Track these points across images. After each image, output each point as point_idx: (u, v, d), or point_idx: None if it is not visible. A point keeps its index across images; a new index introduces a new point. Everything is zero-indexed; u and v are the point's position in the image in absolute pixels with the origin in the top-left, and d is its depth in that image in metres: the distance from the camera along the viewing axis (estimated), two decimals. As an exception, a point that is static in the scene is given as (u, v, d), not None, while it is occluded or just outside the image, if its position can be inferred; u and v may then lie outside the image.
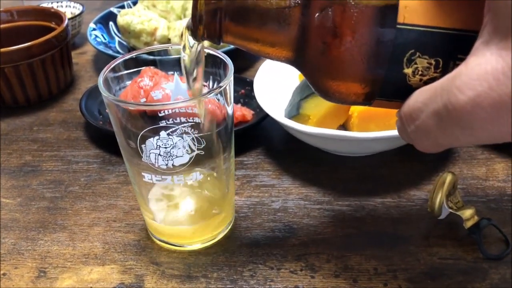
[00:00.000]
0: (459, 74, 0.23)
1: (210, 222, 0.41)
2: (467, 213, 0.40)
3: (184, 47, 0.33)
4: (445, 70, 0.26)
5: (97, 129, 0.54)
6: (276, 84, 0.54)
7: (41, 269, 0.40)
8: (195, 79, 0.35)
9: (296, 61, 0.31)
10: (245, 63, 0.70)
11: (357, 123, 0.48)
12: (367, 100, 0.30)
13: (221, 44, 0.32)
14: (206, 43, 0.33)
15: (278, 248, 0.41)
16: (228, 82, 0.35)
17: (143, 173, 0.36)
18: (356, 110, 0.48)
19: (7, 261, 0.41)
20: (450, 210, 0.40)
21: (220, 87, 0.34)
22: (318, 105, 0.48)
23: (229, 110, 0.38)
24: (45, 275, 0.39)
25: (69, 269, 0.40)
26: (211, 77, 0.42)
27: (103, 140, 0.55)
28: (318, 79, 0.30)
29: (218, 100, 0.38)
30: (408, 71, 0.27)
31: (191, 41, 0.33)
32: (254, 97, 0.56)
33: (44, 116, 0.61)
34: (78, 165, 0.52)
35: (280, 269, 0.39)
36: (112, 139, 0.38)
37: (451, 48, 0.27)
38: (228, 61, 0.37)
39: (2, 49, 0.58)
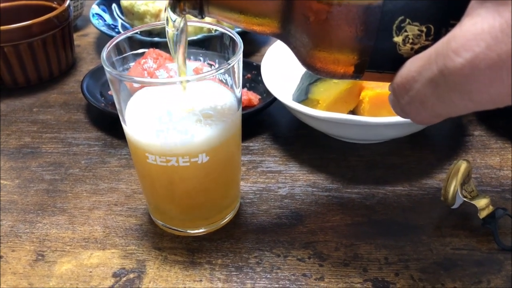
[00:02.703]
0: (454, 37, 0.22)
1: (215, 204, 0.39)
2: (482, 202, 0.38)
3: (167, 21, 0.32)
4: (437, 38, 0.24)
5: (99, 111, 0.53)
6: (284, 68, 0.53)
7: (39, 252, 0.39)
8: (179, 56, 0.34)
9: (282, 33, 0.29)
10: (250, 47, 0.69)
11: (368, 108, 0.46)
12: (357, 72, 0.28)
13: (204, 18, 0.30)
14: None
15: (285, 235, 0.39)
16: (237, 60, 0.34)
17: (146, 154, 0.34)
18: (367, 95, 0.46)
19: (4, 244, 0.39)
20: (464, 199, 0.38)
21: (229, 64, 0.33)
22: (328, 90, 0.47)
23: (237, 92, 0.36)
24: (43, 258, 0.38)
25: (68, 253, 0.38)
26: (216, 60, 0.41)
27: (105, 122, 0.54)
28: (305, 51, 0.28)
29: (225, 81, 0.36)
30: (398, 39, 0.26)
31: (173, 16, 0.31)
32: (260, 82, 0.54)
33: (45, 98, 0.60)
34: (79, 148, 0.50)
35: (287, 257, 0.37)
36: (114, 122, 0.36)
37: (442, 14, 0.25)
38: (237, 38, 0.35)
39: (1, 27, 0.56)
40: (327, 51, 0.27)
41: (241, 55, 0.34)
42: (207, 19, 0.56)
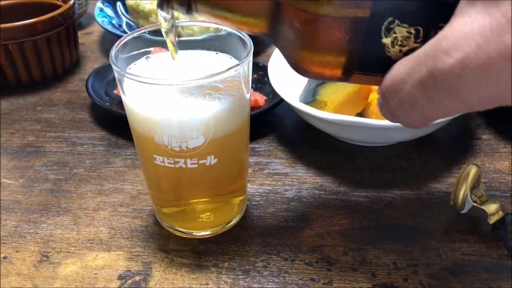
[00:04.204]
0: (444, 36, 0.22)
1: (222, 207, 0.39)
2: (492, 207, 0.38)
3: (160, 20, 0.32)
4: (426, 40, 0.24)
5: (104, 110, 0.52)
6: (291, 69, 0.52)
7: (43, 253, 0.38)
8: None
9: (270, 33, 0.29)
10: (256, 47, 0.68)
11: (376, 111, 0.46)
12: (345, 75, 0.28)
13: (193, 14, 0.30)
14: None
15: (292, 238, 0.39)
16: (247, 62, 0.33)
17: (154, 155, 0.34)
18: (375, 97, 0.46)
19: (8, 244, 0.39)
20: (474, 204, 0.38)
21: (238, 65, 0.32)
22: (336, 92, 0.46)
23: (247, 94, 0.36)
24: (48, 259, 0.38)
25: (73, 254, 0.38)
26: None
27: (110, 122, 0.53)
28: (293, 52, 0.28)
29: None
30: (386, 41, 0.25)
31: (162, 13, 0.31)
32: (266, 82, 0.54)
33: (48, 96, 0.59)
34: (83, 147, 0.50)
35: (295, 261, 0.37)
36: (119, 121, 0.36)
37: (432, 16, 0.25)
38: (247, 39, 0.35)
39: (5, 25, 0.56)
40: (315, 53, 0.27)
41: (251, 57, 0.34)
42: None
